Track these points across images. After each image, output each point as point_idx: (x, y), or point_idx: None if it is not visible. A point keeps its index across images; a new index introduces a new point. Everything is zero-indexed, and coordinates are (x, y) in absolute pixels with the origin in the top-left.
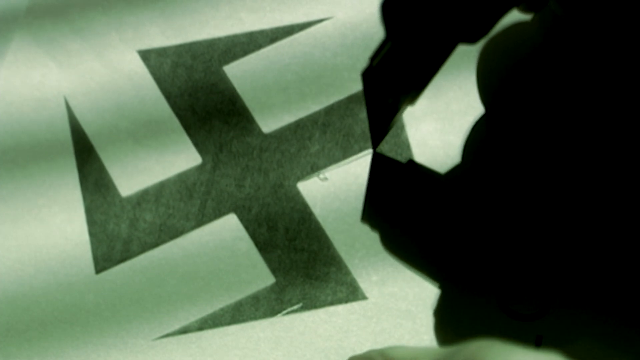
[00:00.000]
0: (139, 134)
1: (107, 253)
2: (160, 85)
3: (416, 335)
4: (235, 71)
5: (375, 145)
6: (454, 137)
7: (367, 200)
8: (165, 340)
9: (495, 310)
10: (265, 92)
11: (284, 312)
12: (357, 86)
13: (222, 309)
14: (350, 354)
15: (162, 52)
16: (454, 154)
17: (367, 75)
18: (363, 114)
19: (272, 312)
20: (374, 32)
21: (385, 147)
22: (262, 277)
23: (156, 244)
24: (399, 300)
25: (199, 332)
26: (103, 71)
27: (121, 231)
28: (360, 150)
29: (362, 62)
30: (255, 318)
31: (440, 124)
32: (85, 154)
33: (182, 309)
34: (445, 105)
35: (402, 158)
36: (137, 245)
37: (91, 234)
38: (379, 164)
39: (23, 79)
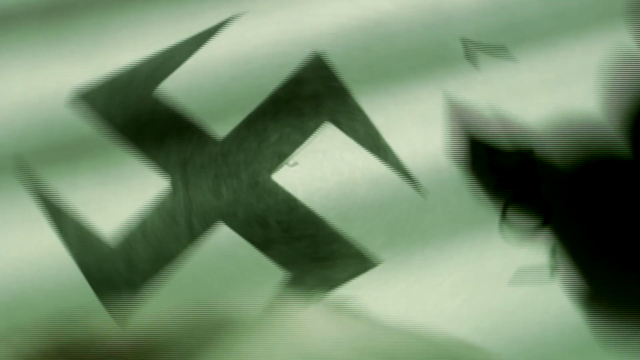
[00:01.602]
0: (100, 175)
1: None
2: (104, 123)
3: (437, 287)
4: (170, 88)
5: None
6: (439, 141)
7: None
8: None
9: None
10: (207, 100)
11: (308, 300)
12: (287, 69)
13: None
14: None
15: (89, 93)
16: (440, 158)
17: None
18: (306, 91)
19: (299, 304)
20: (287, 21)
21: (365, 151)
22: (273, 274)
23: (156, 271)
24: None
25: None
26: None
27: (118, 268)
28: (317, 126)
29: (283, 46)
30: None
31: (425, 128)
32: (56, 216)
33: None
34: (432, 110)
35: (385, 161)
36: (139, 278)
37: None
38: None
39: (21, 78)
